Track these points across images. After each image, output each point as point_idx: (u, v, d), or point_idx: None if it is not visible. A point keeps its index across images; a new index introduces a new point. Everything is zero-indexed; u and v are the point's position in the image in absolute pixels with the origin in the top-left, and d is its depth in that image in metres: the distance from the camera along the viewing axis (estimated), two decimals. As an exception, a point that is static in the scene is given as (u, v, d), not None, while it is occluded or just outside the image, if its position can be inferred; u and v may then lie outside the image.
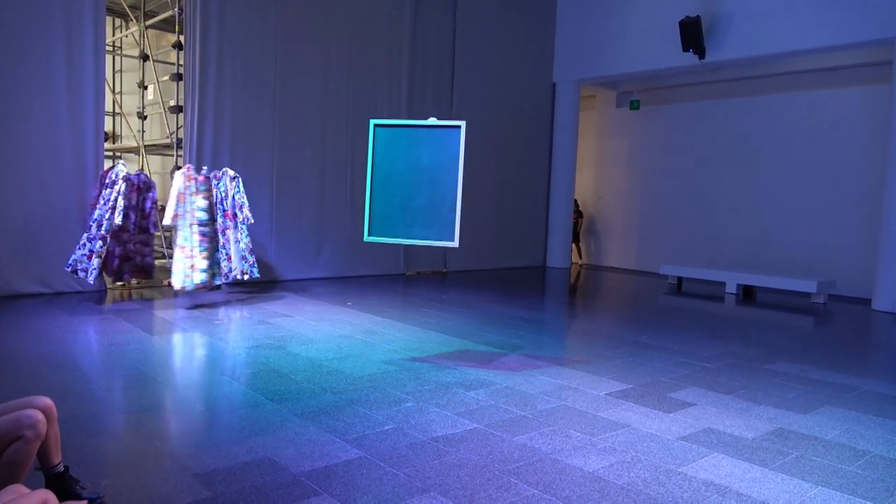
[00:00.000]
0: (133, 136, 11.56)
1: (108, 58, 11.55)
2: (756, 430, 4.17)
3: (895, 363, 6.72)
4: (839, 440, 4.06)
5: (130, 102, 12.33)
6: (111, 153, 12.23)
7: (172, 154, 10.23)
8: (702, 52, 11.31)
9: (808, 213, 11.73)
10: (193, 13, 8.97)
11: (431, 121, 5.65)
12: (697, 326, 7.95)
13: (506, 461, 3.51)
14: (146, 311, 7.43)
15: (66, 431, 3.43)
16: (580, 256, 15.35)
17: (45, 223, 7.99)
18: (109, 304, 7.72)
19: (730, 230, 12.80)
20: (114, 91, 12.05)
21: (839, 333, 8.26)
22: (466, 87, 12.48)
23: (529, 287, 11.39)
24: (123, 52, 12.71)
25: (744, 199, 12.61)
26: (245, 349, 5.90)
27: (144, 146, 11.17)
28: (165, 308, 7.65)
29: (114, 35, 12.40)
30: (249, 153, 9.64)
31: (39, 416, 2.48)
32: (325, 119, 10.47)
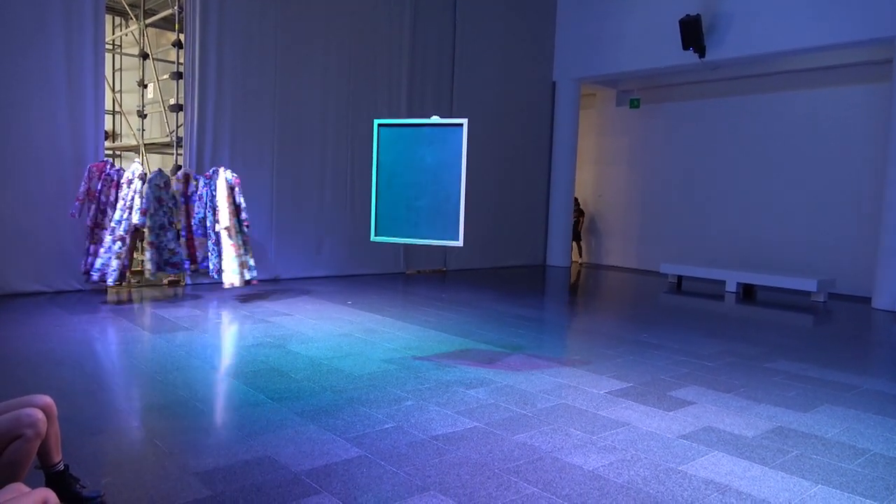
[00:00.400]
0: (133, 135, 11.55)
1: (108, 56, 11.53)
2: (756, 429, 4.17)
3: (895, 362, 6.73)
4: (839, 438, 4.06)
5: (130, 101, 12.31)
6: (111, 152, 12.22)
7: (172, 153, 10.22)
8: (702, 51, 11.31)
9: (808, 212, 11.73)
10: (193, 11, 8.97)
11: (434, 119, 5.65)
12: (697, 325, 7.95)
13: (506, 459, 3.52)
14: (146, 310, 7.43)
15: (67, 430, 3.43)
16: (580, 255, 15.36)
17: (46, 222, 7.99)
18: (109, 303, 7.71)
19: (730, 229, 12.79)
20: (113, 90, 12.04)
21: (839, 332, 8.26)
22: (466, 86, 12.47)
23: (529, 286, 11.39)
24: (123, 51, 12.69)
25: (744, 198, 12.60)
26: (245, 348, 5.90)
27: (144, 145, 11.16)
28: (165, 307, 7.65)
29: (113, 33, 12.38)
30: (249, 152, 9.64)
31: (39, 415, 2.48)
32: (325, 118, 10.47)
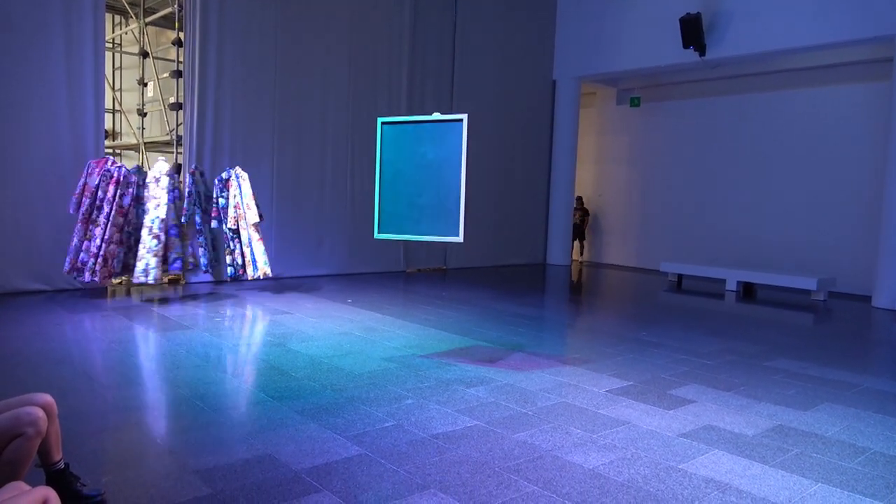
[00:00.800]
0: (133, 134, 11.54)
1: (108, 55, 11.52)
2: (756, 427, 4.17)
3: (895, 360, 6.73)
4: (839, 437, 4.06)
5: (130, 99, 12.31)
6: (111, 150, 12.22)
7: (172, 151, 10.21)
8: (702, 49, 11.30)
9: (809, 210, 11.73)
10: (193, 10, 8.96)
11: (435, 116, 5.68)
12: (698, 323, 7.95)
13: (506, 458, 3.52)
14: (146, 308, 7.43)
15: (67, 428, 3.43)
16: (581, 254, 15.35)
17: (46, 220, 7.99)
18: (110, 301, 7.71)
19: (730, 227, 12.79)
20: (113, 88, 12.04)
21: (839, 330, 8.26)
22: (467, 85, 12.46)
23: (529, 284, 11.39)
24: (123, 49, 12.68)
25: (744, 196, 12.60)
26: (245, 346, 5.90)
27: (144, 143, 11.16)
28: (165, 305, 7.65)
29: (113, 32, 12.37)
30: (249, 150, 9.64)
31: (40, 413, 2.48)
32: (325, 116, 10.47)
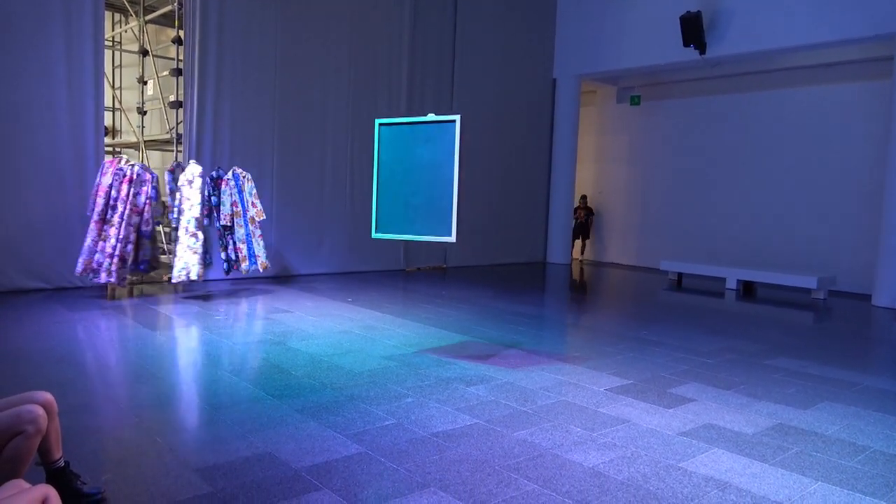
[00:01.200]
0: (133, 132, 11.54)
1: (108, 53, 11.51)
2: (756, 426, 4.17)
3: (895, 359, 6.73)
4: (839, 436, 4.06)
5: (130, 98, 12.30)
6: (111, 148, 12.21)
7: (172, 149, 10.21)
8: (702, 48, 11.29)
9: (809, 209, 11.73)
10: (193, 8, 8.95)
11: (430, 117, 5.74)
12: (697, 322, 7.95)
13: (506, 456, 3.52)
14: (146, 307, 7.43)
15: (67, 427, 3.43)
16: (581, 253, 15.34)
17: (45, 218, 7.99)
18: (110, 300, 7.71)
19: (730, 226, 12.79)
20: (113, 86, 12.03)
21: (839, 329, 8.26)
22: (467, 83, 12.46)
23: (529, 283, 11.39)
24: (123, 47, 12.67)
25: (744, 195, 12.60)
26: (245, 344, 5.90)
27: (144, 141, 11.15)
28: (166, 303, 7.65)
29: (113, 30, 12.36)
30: (249, 149, 9.64)
31: (40, 412, 2.48)
32: (325, 114, 10.46)
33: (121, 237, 7.45)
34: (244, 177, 8.33)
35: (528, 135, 13.79)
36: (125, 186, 7.55)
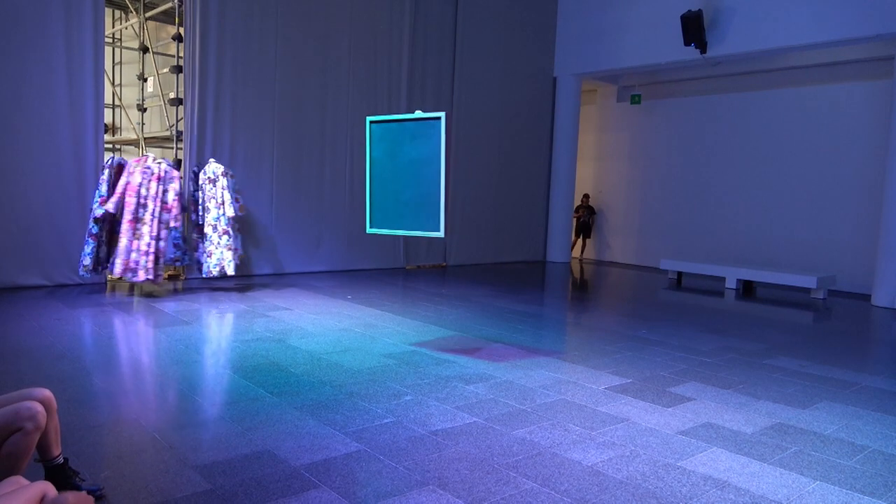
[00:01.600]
0: (133, 129, 11.53)
1: (108, 50, 11.49)
2: (755, 425, 4.17)
3: (894, 359, 6.73)
4: (838, 435, 4.07)
5: (130, 94, 12.28)
6: (111, 145, 12.20)
7: (172, 147, 10.20)
8: (703, 47, 11.28)
9: (809, 209, 11.73)
10: (193, 5, 8.94)
11: (417, 114, 5.85)
12: (697, 321, 7.95)
13: (505, 455, 3.52)
14: (146, 304, 7.43)
15: (66, 423, 3.43)
16: (582, 251, 15.33)
17: (45, 215, 7.98)
18: (109, 297, 7.71)
19: (730, 225, 12.79)
20: (113, 83, 12.01)
21: (839, 329, 8.27)
22: (467, 81, 12.45)
23: (529, 281, 11.39)
24: (123, 44, 12.66)
25: (744, 194, 12.60)
26: (245, 342, 5.90)
27: (144, 138, 11.14)
28: (165, 301, 7.65)
29: (113, 27, 12.34)
30: (249, 146, 9.63)
31: (39, 408, 2.47)
32: (325, 111, 10.45)
33: (154, 235, 7.67)
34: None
35: (529, 133, 13.79)
36: (154, 184, 7.72)
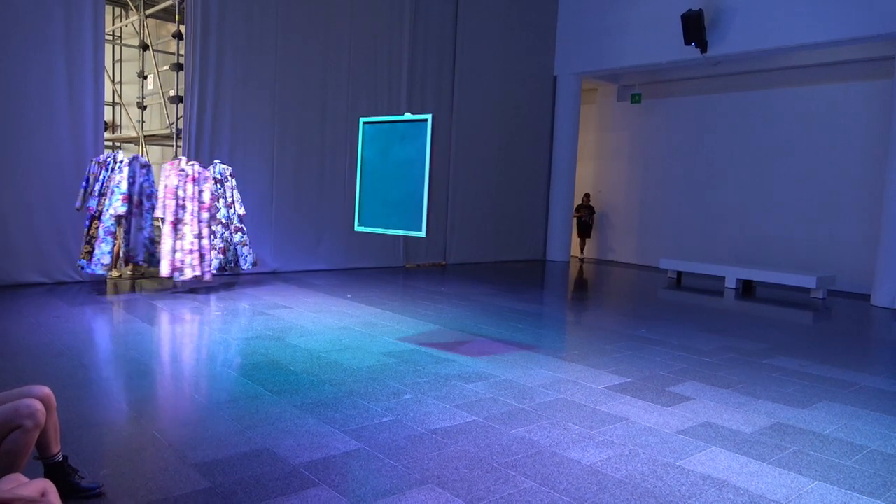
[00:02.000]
0: (133, 126, 11.52)
1: (108, 47, 11.49)
2: (754, 425, 4.17)
3: (894, 359, 6.73)
4: (837, 435, 4.07)
5: (130, 92, 12.28)
6: (111, 143, 12.20)
7: (172, 144, 10.20)
8: (704, 46, 11.28)
9: (809, 209, 11.73)
10: (194, 3, 8.93)
11: (406, 116, 5.98)
12: (696, 321, 7.95)
13: (504, 454, 3.52)
14: (145, 302, 7.43)
15: (65, 421, 3.43)
16: (581, 251, 15.31)
17: (45, 212, 7.98)
18: (109, 295, 7.71)
19: (730, 225, 12.79)
20: (113, 81, 12.00)
21: (838, 329, 8.27)
22: (467, 80, 12.44)
23: (529, 280, 11.39)
24: (123, 42, 12.65)
25: (744, 194, 12.60)
26: (244, 340, 5.90)
27: (144, 136, 11.14)
28: (164, 298, 7.65)
29: (113, 24, 12.33)
30: (249, 144, 9.63)
31: (38, 406, 2.48)
32: (325, 110, 10.45)
33: (196, 234, 7.90)
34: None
35: (529, 132, 13.78)
36: (190, 186, 7.98)
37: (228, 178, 8.57)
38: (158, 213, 7.88)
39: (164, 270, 7.77)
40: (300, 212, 10.30)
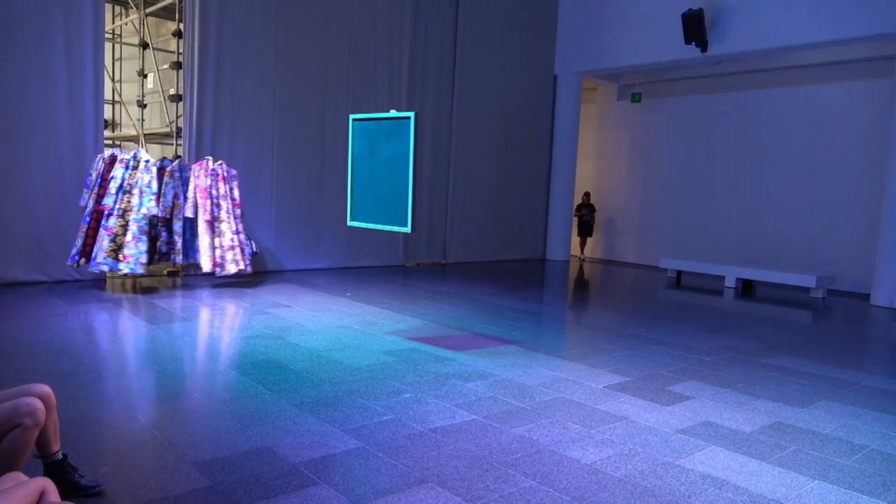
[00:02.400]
0: (132, 125, 11.52)
1: (108, 46, 11.49)
2: (754, 424, 4.18)
3: (893, 358, 6.74)
4: (836, 434, 4.07)
5: (130, 91, 12.28)
6: (110, 142, 12.20)
7: (172, 143, 10.20)
8: (704, 46, 11.27)
9: (808, 208, 11.73)
10: (193, 1, 8.92)
11: (392, 113, 6.08)
12: (696, 320, 7.95)
13: (504, 452, 3.52)
14: (145, 300, 7.43)
15: (65, 419, 3.43)
16: (582, 250, 15.28)
17: (44, 210, 7.98)
18: (108, 293, 7.71)
19: (730, 224, 12.79)
20: (113, 79, 12.00)
21: (838, 328, 8.27)
22: (467, 79, 12.43)
23: (529, 280, 11.39)
24: (123, 40, 12.65)
25: (744, 193, 12.60)
26: (244, 339, 5.90)
27: (144, 135, 11.14)
28: (164, 297, 7.64)
29: (113, 23, 12.32)
30: (249, 142, 9.63)
31: (38, 404, 2.48)
32: (325, 108, 10.44)
33: (233, 230, 8.26)
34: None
35: (529, 131, 13.78)
36: (222, 184, 8.27)
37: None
38: (189, 213, 8.11)
39: (206, 266, 8.12)
40: (300, 210, 10.29)
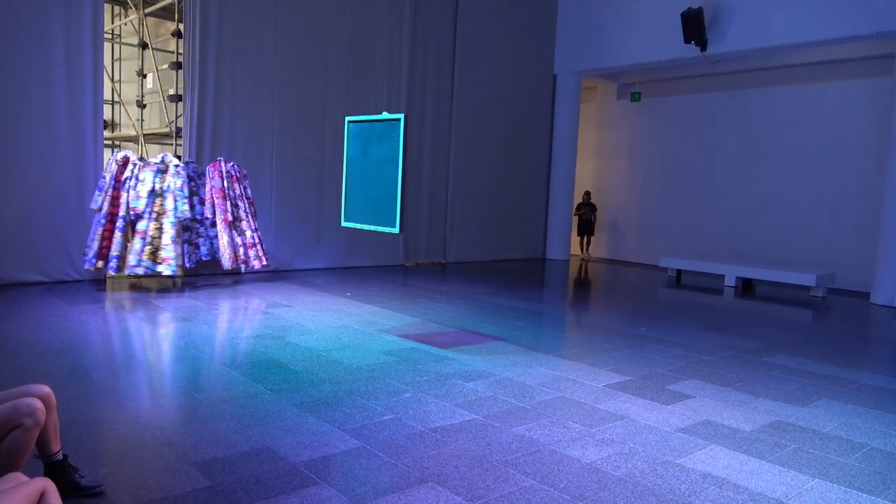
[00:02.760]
0: (132, 125, 11.51)
1: (107, 46, 11.48)
2: (754, 423, 4.18)
3: (893, 357, 6.74)
4: (837, 433, 4.07)
5: (129, 91, 12.27)
6: (110, 142, 12.19)
7: (171, 143, 10.20)
8: (703, 45, 11.27)
9: (808, 207, 11.73)
10: (193, 1, 8.92)
11: (384, 115, 6.19)
12: (696, 319, 7.95)
13: (504, 452, 3.52)
14: (145, 300, 7.43)
15: (65, 420, 3.43)
16: (581, 250, 15.27)
17: (44, 211, 7.98)
18: (108, 293, 7.71)
19: (729, 223, 12.79)
20: (112, 79, 12.00)
21: (838, 327, 8.27)
22: (467, 79, 12.43)
23: (529, 279, 11.40)
24: (122, 40, 12.64)
25: (744, 192, 12.60)
26: (244, 339, 5.91)
27: (143, 135, 11.13)
28: (164, 297, 7.64)
29: (112, 23, 12.32)
30: (249, 142, 9.63)
31: (38, 405, 2.48)
32: (325, 108, 10.43)
33: (253, 227, 8.64)
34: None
35: (529, 131, 13.77)
36: (237, 185, 8.56)
37: (202, 176, 8.61)
38: (207, 214, 8.34)
39: (227, 264, 8.40)
40: (300, 210, 10.29)
